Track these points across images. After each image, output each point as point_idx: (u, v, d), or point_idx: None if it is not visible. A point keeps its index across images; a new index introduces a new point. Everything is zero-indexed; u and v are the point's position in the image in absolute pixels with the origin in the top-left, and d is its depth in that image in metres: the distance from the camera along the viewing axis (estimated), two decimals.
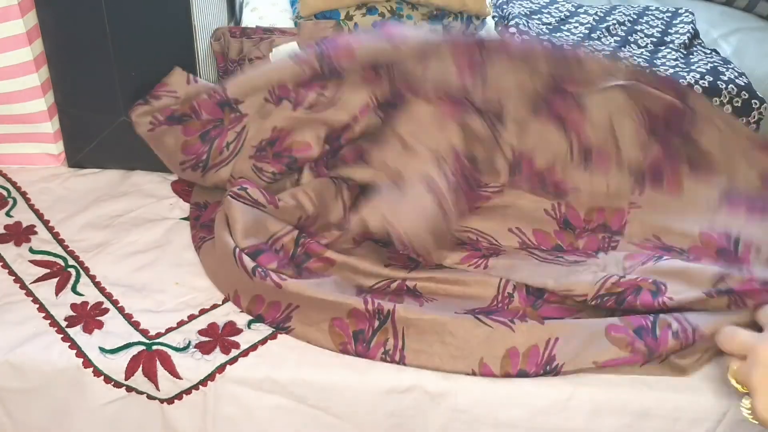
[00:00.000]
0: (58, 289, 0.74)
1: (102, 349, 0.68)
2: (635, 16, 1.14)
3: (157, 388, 0.68)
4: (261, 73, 0.82)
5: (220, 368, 0.68)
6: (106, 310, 0.73)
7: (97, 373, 0.67)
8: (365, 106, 0.80)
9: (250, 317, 0.72)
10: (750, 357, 0.61)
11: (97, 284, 0.76)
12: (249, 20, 1.03)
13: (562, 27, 1.13)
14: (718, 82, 0.91)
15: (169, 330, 0.71)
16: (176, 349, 0.69)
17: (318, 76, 0.80)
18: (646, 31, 1.09)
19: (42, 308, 0.72)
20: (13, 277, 0.75)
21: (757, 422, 0.60)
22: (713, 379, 0.69)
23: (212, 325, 0.71)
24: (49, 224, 0.82)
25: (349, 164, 0.84)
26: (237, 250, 0.72)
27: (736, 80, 0.93)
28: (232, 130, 0.82)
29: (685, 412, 0.68)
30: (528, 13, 1.16)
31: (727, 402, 0.68)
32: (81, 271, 0.77)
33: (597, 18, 1.14)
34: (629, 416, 0.68)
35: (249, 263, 0.71)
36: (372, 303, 0.69)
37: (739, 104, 0.90)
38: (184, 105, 0.81)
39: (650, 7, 1.17)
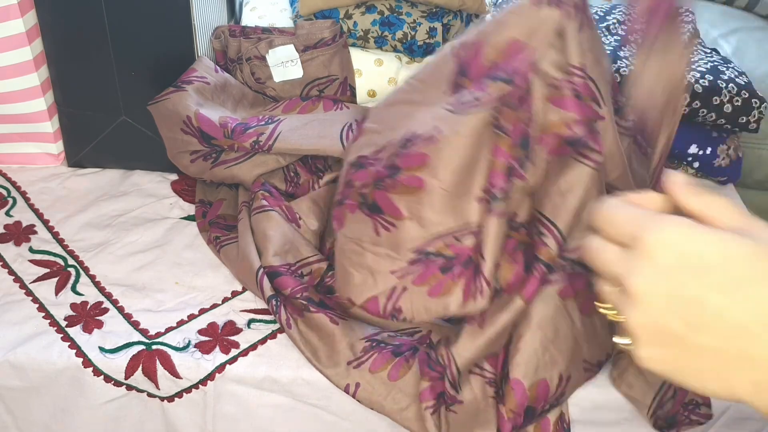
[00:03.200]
0: (58, 289, 0.74)
1: (102, 349, 0.68)
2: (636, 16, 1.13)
3: (157, 387, 0.68)
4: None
5: (220, 368, 0.68)
6: (106, 310, 0.73)
7: (97, 372, 0.68)
8: None
9: (250, 317, 0.73)
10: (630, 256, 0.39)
11: (96, 284, 0.76)
12: (249, 19, 1.03)
13: None
14: (718, 82, 0.91)
15: (168, 329, 0.71)
16: (176, 349, 0.69)
17: None
18: None
19: (42, 308, 0.72)
20: (13, 277, 0.76)
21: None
22: None
23: (212, 325, 0.72)
24: (49, 224, 0.82)
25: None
26: (260, 272, 0.72)
27: (736, 79, 0.92)
28: (260, 133, 0.80)
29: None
30: None
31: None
32: (81, 271, 0.77)
33: (597, 17, 1.14)
34: (628, 412, 0.69)
35: (267, 290, 0.71)
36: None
37: (739, 103, 0.90)
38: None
39: None
